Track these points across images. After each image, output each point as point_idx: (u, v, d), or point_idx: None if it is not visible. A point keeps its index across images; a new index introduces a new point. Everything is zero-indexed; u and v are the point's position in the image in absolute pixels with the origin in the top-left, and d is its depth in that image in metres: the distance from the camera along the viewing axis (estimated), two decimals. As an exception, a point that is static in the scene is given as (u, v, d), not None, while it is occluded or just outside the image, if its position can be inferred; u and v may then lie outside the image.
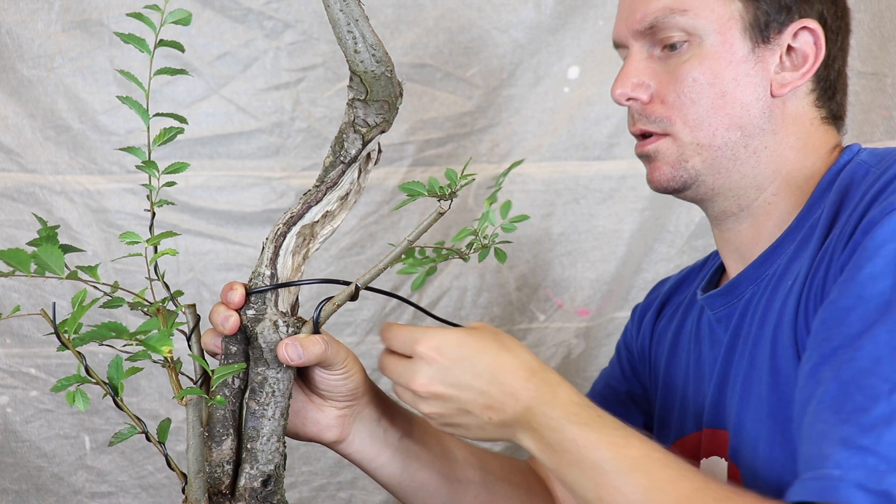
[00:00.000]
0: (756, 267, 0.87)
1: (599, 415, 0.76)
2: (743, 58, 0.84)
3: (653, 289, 1.13)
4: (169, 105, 1.29)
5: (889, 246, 0.69)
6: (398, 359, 0.79)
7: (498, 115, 1.39)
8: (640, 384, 1.08)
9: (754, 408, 0.81)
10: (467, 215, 1.40)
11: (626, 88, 0.87)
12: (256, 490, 0.78)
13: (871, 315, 0.67)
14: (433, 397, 0.77)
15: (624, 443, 0.73)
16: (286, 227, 0.78)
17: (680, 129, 0.85)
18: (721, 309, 0.90)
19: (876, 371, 0.65)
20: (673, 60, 0.85)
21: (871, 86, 1.43)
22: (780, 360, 0.78)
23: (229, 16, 1.31)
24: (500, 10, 1.36)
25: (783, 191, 0.86)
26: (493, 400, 0.76)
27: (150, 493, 1.35)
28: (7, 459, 1.31)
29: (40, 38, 1.26)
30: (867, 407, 0.64)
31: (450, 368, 0.76)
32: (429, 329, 0.78)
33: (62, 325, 0.67)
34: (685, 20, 0.84)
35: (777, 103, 0.85)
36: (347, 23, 0.70)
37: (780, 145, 0.86)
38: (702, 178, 0.86)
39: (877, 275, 0.68)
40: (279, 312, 0.78)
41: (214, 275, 1.34)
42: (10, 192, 1.28)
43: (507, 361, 0.77)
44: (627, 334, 1.12)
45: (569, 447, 0.74)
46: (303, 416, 0.86)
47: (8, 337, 1.31)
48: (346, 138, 0.77)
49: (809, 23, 0.84)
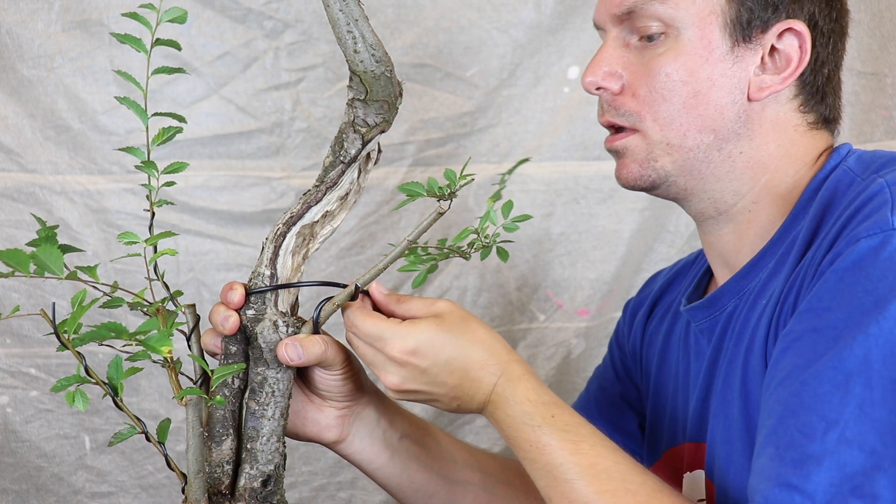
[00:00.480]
0: (738, 279, 0.84)
1: (553, 415, 0.76)
2: (720, 56, 0.79)
3: (646, 283, 1.10)
4: (169, 105, 1.29)
5: (847, 278, 0.67)
6: (368, 345, 0.79)
7: (498, 115, 1.39)
8: (634, 385, 1.06)
9: (727, 427, 0.80)
10: (467, 215, 1.40)
11: (597, 77, 0.83)
12: (256, 490, 0.78)
13: (819, 348, 0.67)
14: (405, 393, 0.79)
15: (574, 448, 0.74)
16: (286, 227, 0.78)
17: (649, 125, 0.81)
18: (703, 321, 0.87)
19: (815, 408, 0.65)
20: (648, 52, 0.81)
21: (871, 86, 1.42)
22: (749, 383, 0.77)
23: (229, 16, 1.30)
24: (500, 10, 1.36)
25: (764, 199, 0.82)
26: (461, 392, 0.78)
27: (150, 493, 1.35)
28: (7, 459, 1.31)
29: (40, 38, 1.26)
30: (801, 444, 0.64)
31: (426, 371, 0.77)
32: (399, 328, 0.77)
33: (62, 325, 0.67)
34: (664, 9, 0.79)
35: (755, 108, 0.81)
36: (347, 23, 0.70)
37: (757, 151, 0.81)
38: (672, 179, 0.82)
39: (832, 307, 0.67)
40: (279, 312, 0.78)
41: (214, 275, 1.34)
42: (10, 192, 1.28)
43: (478, 357, 0.78)
44: (619, 332, 1.10)
45: (523, 446, 0.76)
46: (302, 417, 0.86)
47: (8, 337, 1.30)
48: (346, 138, 0.77)
49: (796, 24, 0.79)
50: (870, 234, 0.67)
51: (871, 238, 0.67)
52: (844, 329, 0.66)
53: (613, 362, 1.09)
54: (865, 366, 0.64)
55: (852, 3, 0.90)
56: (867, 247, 0.67)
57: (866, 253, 0.67)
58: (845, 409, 0.64)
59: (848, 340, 0.65)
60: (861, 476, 0.63)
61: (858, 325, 0.65)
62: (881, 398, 0.64)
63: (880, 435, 0.63)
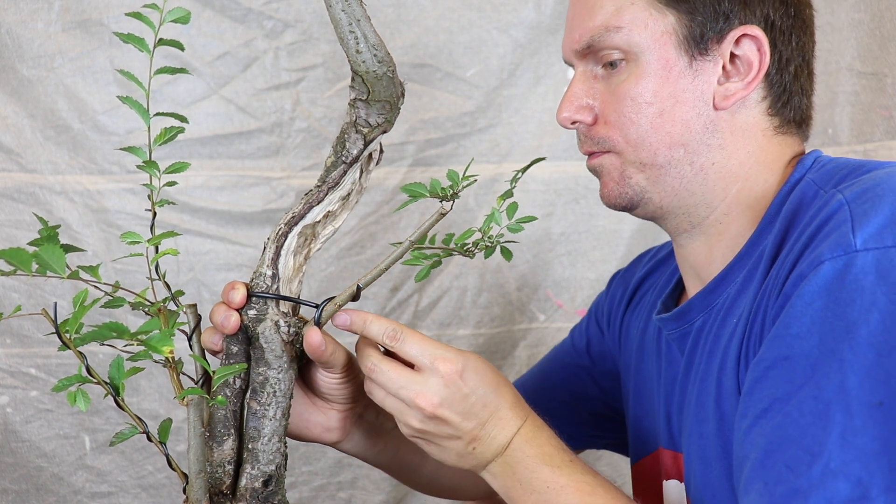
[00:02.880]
0: (706, 294, 0.84)
1: (572, 459, 0.78)
2: (679, 73, 0.80)
3: (633, 262, 1.11)
4: (169, 105, 1.29)
5: (815, 304, 0.67)
6: (402, 367, 0.78)
7: (498, 115, 1.39)
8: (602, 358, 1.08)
9: (702, 445, 0.81)
10: (468, 215, 1.40)
11: (571, 112, 0.85)
12: (257, 490, 0.78)
13: (797, 378, 0.66)
14: (435, 419, 0.77)
15: (591, 490, 0.76)
16: (288, 228, 0.78)
17: (623, 147, 0.83)
18: (674, 331, 0.88)
19: (799, 440, 0.65)
20: (613, 79, 0.83)
21: (871, 86, 1.43)
22: (724, 404, 0.78)
23: (229, 16, 1.30)
24: (500, 10, 1.36)
25: (735, 209, 0.83)
26: (485, 432, 0.78)
27: (150, 493, 1.35)
28: (7, 459, 1.31)
29: (40, 38, 1.26)
30: (788, 479, 0.64)
31: (467, 396, 0.77)
32: (450, 348, 0.78)
33: (63, 325, 0.67)
34: (619, 38, 0.81)
35: (723, 116, 0.81)
36: (349, 23, 0.70)
37: (728, 160, 0.82)
38: (648, 196, 0.84)
39: (803, 335, 0.67)
40: (280, 312, 0.78)
41: (214, 275, 1.34)
42: (10, 192, 1.28)
43: (510, 398, 0.80)
44: (598, 306, 1.11)
45: (538, 487, 0.77)
46: (306, 419, 0.87)
47: (8, 337, 1.30)
48: (348, 138, 0.77)
49: (750, 29, 0.80)
50: (833, 255, 0.67)
51: (834, 261, 0.67)
52: (818, 357, 0.66)
53: (589, 336, 1.10)
54: (843, 393, 0.64)
55: (852, 3, 0.89)
56: (832, 269, 0.67)
57: (832, 277, 0.67)
58: (828, 440, 0.63)
59: (824, 368, 0.65)
60: None
61: (833, 351, 0.65)
62: (862, 425, 0.63)
63: (864, 463, 0.62)
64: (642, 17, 0.81)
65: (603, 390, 1.08)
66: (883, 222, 0.67)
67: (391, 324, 0.79)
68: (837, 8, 1.42)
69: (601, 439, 1.13)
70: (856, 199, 0.70)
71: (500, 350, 1.45)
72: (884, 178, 0.71)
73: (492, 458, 0.79)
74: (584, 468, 0.78)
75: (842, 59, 1.43)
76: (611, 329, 1.07)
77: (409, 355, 0.78)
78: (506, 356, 1.45)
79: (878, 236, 0.67)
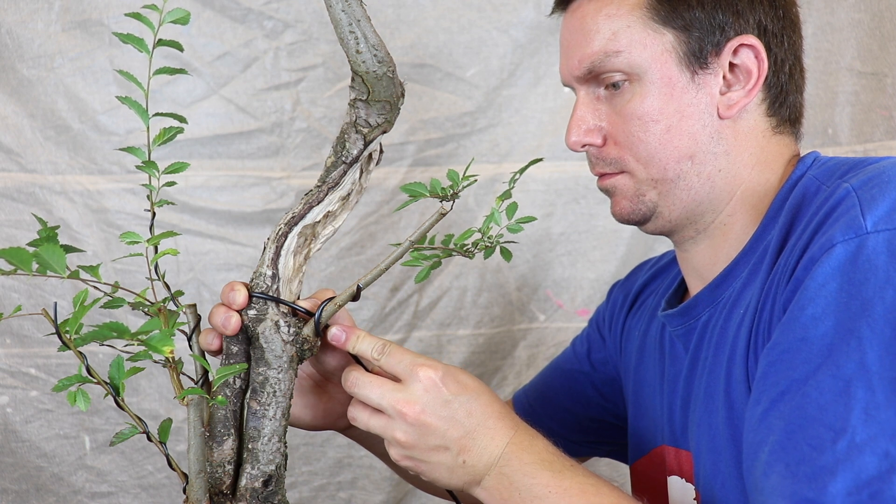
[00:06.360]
0: (713, 289, 0.85)
1: (572, 464, 0.78)
2: (683, 88, 0.82)
3: (632, 272, 1.12)
4: (169, 105, 1.29)
5: (829, 286, 0.68)
6: (384, 379, 0.79)
7: (498, 115, 1.39)
8: (603, 364, 1.08)
9: (711, 437, 0.81)
10: (468, 215, 1.40)
11: (580, 136, 0.86)
12: (257, 490, 0.78)
13: (814, 358, 0.67)
14: (419, 426, 0.77)
15: (595, 491, 0.75)
16: (288, 228, 0.78)
17: (634, 166, 0.85)
18: (679, 328, 0.89)
19: (821, 418, 0.65)
20: (617, 100, 0.84)
21: (871, 86, 1.43)
22: (733, 393, 0.78)
23: (229, 16, 1.30)
24: (500, 10, 1.36)
25: (739, 210, 0.85)
26: (474, 443, 0.78)
27: (150, 493, 1.35)
28: (7, 459, 1.31)
29: (40, 38, 1.26)
30: (812, 458, 0.64)
31: (449, 402, 0.77)
32: (432, 358, 0.79)
33: (63, 325, 0.67)
34: (620, 61, 0.82)
35: (727, 123, 0.83)
36: (349, 23, 0.70)
37: (734, 165, 0.84)
38: (659, 210, 0.85)
39: (819, 316, 0.67)
40: (280, 313, 0.78)
41: (214, 275, 1.34)
42: (10, 192, 1.28)
43: (496, 407, 0.79)
44: (600, 316, 1.11)
45: (540, 492, 0.76)
46: (316, 409, 0.90)
47: (8, 337, 1.30)
48: (348, 139, 0.77)
49: (746, 39, 0.82)
50: (845, 238, 0.68)
51: (846, 243, 0.68)
52: (836, 336, 0.66)
53: (590, 342, 1.11)
54: (863, 369, 0.64)
55: (852, 3, 0.90)
56: (844, 252, 0.68)
57: (845, 259, 0.68)
58: (851, 415, 0.64)
59: (842, 347, 0.66)
60: (878, 481, 0.62)
61: (850, 330, 0.66)
62: (885, 399, 0.63)
63: (890, 436, 0.63)
64: (640, 38, 0.82)
65: (604, 396, 1.08)
66: (891, 205, 0.69)
67: (380, 340, 0.80)
68: (837, 8, 1.42)
69: (604, 446, 1.13)
70: (862, 186, 0.71)
71: (500, 350, 1.45)
72: (887, 168, 0.73)
73: (485, 471, 0.78)
74: (585, 471, 0.78)
75: (842, 59, 1.43)
76: (612, 334, 1.08)
77: (392, 366, 0.79)
78: (506, 356, 1.46)
79: (888, 218, 0.68)
